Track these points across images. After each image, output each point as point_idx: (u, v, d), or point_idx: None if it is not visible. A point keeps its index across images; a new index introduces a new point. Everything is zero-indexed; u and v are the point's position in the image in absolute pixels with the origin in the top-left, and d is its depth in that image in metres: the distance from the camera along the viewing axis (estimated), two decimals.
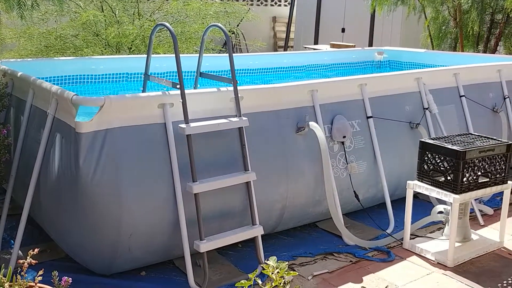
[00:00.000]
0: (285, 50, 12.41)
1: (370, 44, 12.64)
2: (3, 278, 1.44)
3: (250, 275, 1.64)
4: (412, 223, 4.30)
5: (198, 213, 3.48)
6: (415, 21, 10.27)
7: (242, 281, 1.63)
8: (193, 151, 3.49)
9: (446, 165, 4.03)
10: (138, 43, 7.38)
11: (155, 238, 3.54)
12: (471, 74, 5.63)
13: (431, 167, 4.15)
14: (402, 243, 4.27)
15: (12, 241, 3.67)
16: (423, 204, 4.94)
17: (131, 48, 7.46)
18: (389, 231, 4.44)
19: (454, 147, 3.99)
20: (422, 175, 4.20)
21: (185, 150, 3.48)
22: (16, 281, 1.46)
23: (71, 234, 3.54)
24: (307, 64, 6.89)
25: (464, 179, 3.98)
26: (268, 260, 1.61)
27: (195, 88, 4.38)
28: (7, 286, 1.44)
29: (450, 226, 4.07)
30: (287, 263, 1.66)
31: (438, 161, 4.09)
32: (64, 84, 5.07)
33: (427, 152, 4.17)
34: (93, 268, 3.61)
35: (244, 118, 3.74)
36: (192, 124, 3.50)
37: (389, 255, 4.09)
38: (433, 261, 4.04)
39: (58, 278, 2.21)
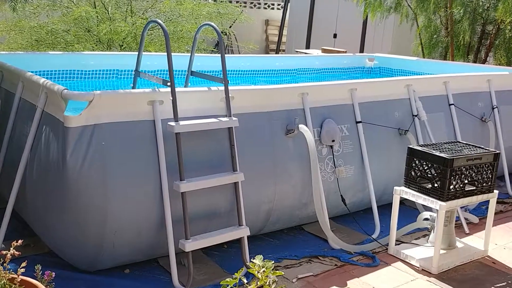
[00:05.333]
0: (276, 53, 12.43)
1: (362, 51, 12.70)
2: None
3: (235, 274, 1.63)
4: (397, 229, 4.31)
5: (184, 212, 3.46)
6: (407, 29, 10.33)
7: (228, 279, 1.62)
8: (182, 149, 3.47)
9: (433, 172, 4.05)
10: (129, 41, 7.36)
11: (140, 236, 3.52)
12: (461, 83, 5.67)
13: (418, 174, 4.17)
14: (387, 249, 4.28)
15: None
16: (409, 210, 4.96)
17: (122, 45, 7.44)
18: (374, 236, 4.45)
19: (442, 155, 4.01)
20: (409, 182, 4.21)
21: (173, 148, 3.47)
22: None
23: (56, 229, 3.51)
24: (298, 68, 6.91)
25: (451, 186, 4.00)
26: (254, 258, 1.60)
27: (185, 86, 4.37)
28: None
29: (435, 233, 4.08)
30: (273, 262, 1.65)
31: (425, 168, 4.11)
32: (54, 78, 5.03)
33: (415, 159, 4.18)
34: (77, 264, 3.58)
35: (234, 119, 3.73)
36: (182, 122, 3.49)
37: (374, 260, 4.10)
38: (418, 267, 4.05)
39: (41, 272, 2.19)
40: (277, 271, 1.61)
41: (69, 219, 3.38)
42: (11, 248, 1.46)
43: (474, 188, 4.16)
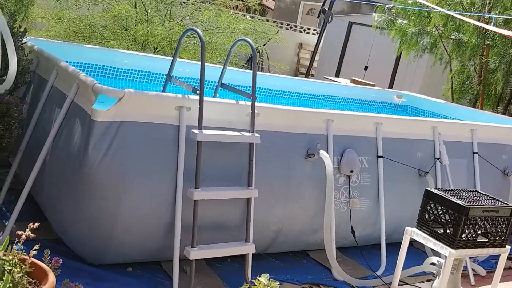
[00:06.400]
0: (306, 77, 12.48)
1: (391, 86, 12.68)
2: None
3: None
4: (403, 269, 4.26)
5: (194, 220, 3.48)
6: (439, 71, 10.30)
7: None
8: (201, 158, 3.50)
9: (447, 218, 4.00)
10: (164, 45, 7.45)
11: (148, 237, 3.54)
12: (488, 132, 5.62)
13: (432, 217, 4.12)
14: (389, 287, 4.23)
15: (9, 214, 3.68)
16: (417, 252, 4.91)
17: (156, 48, 7.54)
18: (379, 273, 4.41)
19: (459, 202, 3.96)
20: (422, 224, 4.17)
21: (193, 155, 3.50)
22: (11, 252, 1.46)
23: (68, 219, 3.55)
24: (325, 94, 6.92)
25: (463, 235, 3.94)
26: (260, 276, 1.61)
27: (214, 97, 4.41)
28: (1, 255, 1.45)
29: (440, 279, 4.02)
30: (278, 283, 1.65)
31: (440, 213, 4.06)
32: (86, 71, 5.11)
33: (430, 202, 4.14)
34: (83, 255, 3.61)
35: (256, 135, 3.75)
36: (205, 131, 3.52)
37: None
38: None
39: (49, 257, 2.22)
40: None
41: (81, 211, 3.42)
42: (27, 230, 1.49)
43: (487, 240, 4.09)
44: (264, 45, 10.03)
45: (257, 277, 1.60)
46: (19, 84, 4.02)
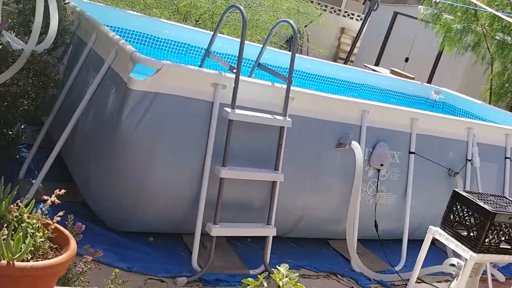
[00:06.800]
0: (345, 63, 12.32)
1: (430, 81, 12.44)
2: (23, 208, 1.47)
3: (258, 276, 1.63)
4: (422, 267, 4.22)
5: (219, 197, 3.49)
6: (480, 71, 10.06)
7: (250, 279, 1.62)
8: (231, 137, 3.49)
9: (472, 221, 3.94)
10: (206, 18, 7.43)
11: (172, 209, 3.57)
12: None
13: (457, 219, 4.06)
14: (406, 284, 4.20)
15: (37, 172, 3.75)
16: (438, 252, 4.85)
17: (198, 20, 7.52)
18: (397, 268, 4.38)
19: (486, 206, 3.89)
20: (446, 224, 4.11)
21: (223, 133, 3.49)
22: (34, 215, 1.48)
23: (95, 182, 3.60)
24: (362, 83, 6.82)
25: (487, 240, 3.88)
26: (279, 266, 1.60)
27: (249, 76, 4.38)
28: (25, 217, 1.47)
29: (458, 281, 3.97)
30: (297, 274, 1.64)
31: (465, 215, 4.00)
32: (126, 38, 5.12)
33: (457, 203, 4.07)
34: (106, 221, 3.67)
35: (288, 119, 3.72)
36: (238, 111, 3.51)
37: None
38: None
39: (72, 222, 2.25)
40: (299, 284, 1.60)
41: (110, 177, 3.46)
42: (53, 196, 1.50)
43: (509, 247, 4.02)
44: (305, 26, 9.91)
45: (277, 266, 1.59)
46: (58, 44, 4.04)
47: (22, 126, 4.34)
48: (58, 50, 4.23)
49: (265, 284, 1.59)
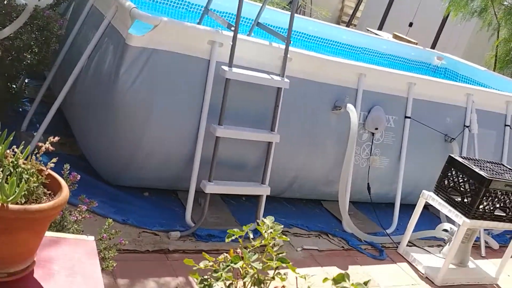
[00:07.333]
0: (347, 26, 12.19)
1: (433, 47, 12.33)
2: (19, 153, 1.51)
3: (244, 227, 1.69)
4: (414, 231, 4.29)
5: (214, 156, 3.53)
6: (485, 37, 9.96)
7: (235, 229, 1.68)
8: (228, 95, 3.52)
9: (467, 187, 3.98)
10: None
11: (168, 165, 3.63)
12: None
13: (451, 184, 4.11)
14: (397, 247, 4.29)
15: (38, 126, 3.80)
16: (431, 217, 4.93)
17: None
18: (389, 231, 4.45)
19: (481, 172, 3.92)
20: (440, 189, 4.16)
21: (220, 92, 3.52)
22: (30, 161, 1.52)
23: (93, 136, 3.65)
24: (363, 47, 6.78)
25: (481, 206, 3.93)
26: (265, 218, 1.66)
27: (248, 35, 4.37)
28: (20, 162, 1.51)
29: (450, 246, 4.05)
30: (282, 226, 1.70)
31: (460, 181, 4.04)
32: None
33: (452, 169, 4.12)
34: (103, 174, 3.73)
35: (286, 80, 3.74)
36: (235, 70, 3.52)
37: (380, 254, 4.13)
38: (422, 274, 4.05)
39: (68, 172, 2.31)
40: (284, 236, 1.65)
41: (108, 131, 3.50)
42: (47, 142, 1.55)
43: (504, 214, 4.08)
44: None
45: (262, 219, 1.65)
46: (61, 0, 4.05)
47: (26, 81, 4.39)
48: (61, 6, 4.23)
49: (251, 235, 1.65)
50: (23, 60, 3.72)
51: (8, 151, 1.50)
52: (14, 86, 3.97)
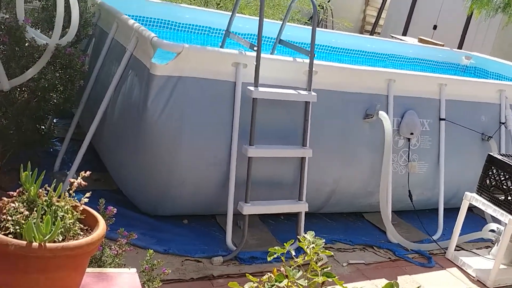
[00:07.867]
0: (371, 35, 12.13)
1: (460, 47, 12.15)
2: (52, 192, 1.51)
3: (285, 244, 1.64)
4: (460, 235, 4.17)
5: (248, 176, 3.50)
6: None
7: (276, 247, 1.64)
8: (256, 115, 3.49)
9: (509, 184, 3.87)
10: (227, 1, 7.40)
11: (203, 191, 3.61)
12: None
13: (493, 183, 3.99)
14: (445, 253, 4.17)
15: (70, 164, 3.83)
16: (476, 218, 4.78)
17: (219, 4, 7.49)
18: (435, 237, 4.33)
19: None
20: (482, 189, 4.05)
21: (248, 112, 3.50)
22: (63, 198, 1.52)
23: (127, 169, 3.66)
24: (389, 53, 6.71)
25: None
26: (306, 233, 1.61)
27: (271, 53, 4.36)
28: (54, 200, 1.50)
29: (499, 247, 3.92)
30: (324, 241, 1.65)
31: (502, 179, 3.93)
32: (148, 25, 5.15)
33: (492, 167, 4.01)
34: (140, 206, 3.73)
35: (313, 93, 3.70)
36: (261, 89, 3.50)
37: (429, 261, 4.01)
38: (473, 277, 3.92)
39: (104, 206, 2.30)
40: (327, 251, 1.60)
41: (140, 162, 3.51)
42: (79, 178, 1.54)
43: None
44: (328, 1, 9.77)
45: (303, 234, 1.60)
46: (82, 37, 4.11)
47: (54, 121, 4.44)
48: (82, 42, 4.29)
49: (293, 253, 1.60)
50: (50, 100, 3.75)
51: (40, 190, 1.50)
52: (43, 127, 3.99)
